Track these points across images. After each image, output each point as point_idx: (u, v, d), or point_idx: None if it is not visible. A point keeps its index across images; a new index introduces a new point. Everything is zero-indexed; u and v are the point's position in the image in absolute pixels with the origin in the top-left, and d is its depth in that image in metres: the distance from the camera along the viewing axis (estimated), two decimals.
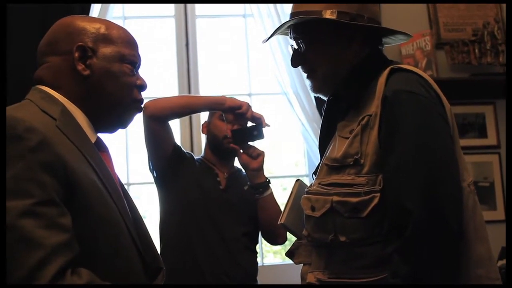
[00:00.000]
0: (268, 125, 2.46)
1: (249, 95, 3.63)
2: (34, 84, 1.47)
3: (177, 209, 2.50)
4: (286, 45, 3.30)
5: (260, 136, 2.44)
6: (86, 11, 3.13)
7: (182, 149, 2.59)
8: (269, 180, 2.53)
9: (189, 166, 2.55)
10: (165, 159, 2.47)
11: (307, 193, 1.65)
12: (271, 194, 2.53)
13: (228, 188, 2.55)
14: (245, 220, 2.53)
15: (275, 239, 2.63)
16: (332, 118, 1.72)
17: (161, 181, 2.53)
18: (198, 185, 2.51)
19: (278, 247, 4.25)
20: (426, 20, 3.66)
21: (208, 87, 3.61)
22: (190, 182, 2.51)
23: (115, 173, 1.54)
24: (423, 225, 1.39)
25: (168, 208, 2.53)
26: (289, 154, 3.95)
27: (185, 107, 2.47)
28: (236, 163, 2.60)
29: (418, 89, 1.51)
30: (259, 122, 2.44)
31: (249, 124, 2.49)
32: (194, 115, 3.35)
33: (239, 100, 2.46)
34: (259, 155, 2.48)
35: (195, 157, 2.64)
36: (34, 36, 2.90)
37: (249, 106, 2.44)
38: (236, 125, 2.50)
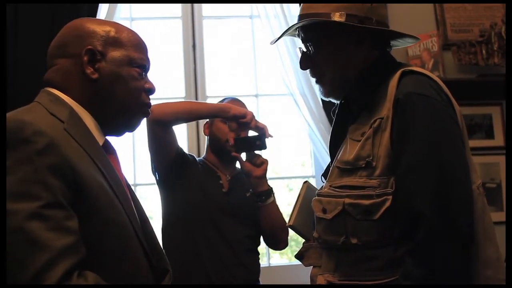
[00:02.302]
0: (271, 136, 2.45)
1: (256, 96, 3.63)
2: (43, 86, 1.47)
3: (180, 212, 2.50)
4: (292, 46, 3.31)
5: (262, 146, 2.42)
6: (94, 11, 3.14)
7: (185, 152, 2.59)
8: (271, 188, 2.52)
9: (191, 168, 2.55)
10: (168, 163, 2.47)
11: (318, 195, 1.65)
12: (274, 201, 2.53)
13: (231, 191, 2.55)
14: (248, 222, 2.54)
15: (277, 244, 2.64)
16: (342, 121, 1.73)
17: (163, 183, 2.53)
18: (201, 188, 2.51)
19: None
20: (433, 21, 3.65)
21: (215, 88, 3.62)
22: (192, 185, 2.51)
23: (122, 175, 1.54)
24: (435, 227, 1.40)
25: (171, 210, 2.53)
26: (295, 155, 3.96)
27: (189, 113, 2.46)
28: (238, 165, 2.60)
29: (429, 92, 1.51)
30: (263, 133, 2.43)
31: (252, 133, 2.48)
32: None
33: (244, 109, 2.46)
34: (263, 163, 2.47)
35: (197, 159, 2.64)
36: (42, 36, 2.94)
37: (253, 116, 2.43)
38: (242, 133, 2.50)
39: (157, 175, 2.53)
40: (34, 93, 1.47)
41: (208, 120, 2.66)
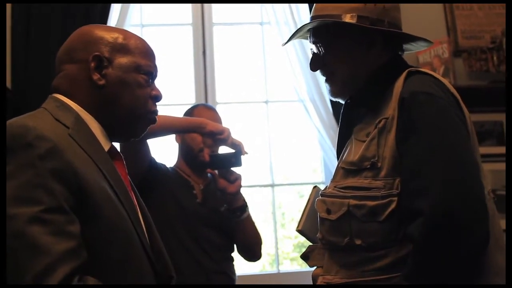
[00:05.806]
0: (246, 153, 2.42)
1: (266, 102, 3.64)
2: (51, 92, 1.48)
3: (156, 224, 2.46)
4: (302, 52, 3.31)
5: (237, 163, 2.39)
6: (106, 11, 3.17)
7: (157, 162, 2.55)
8: (246, 203, 2.50)
9: (163, 179, 2.51)
10: (141, 175, 2.38)
11: (322, 195, 1.63)
12: (249, 216, 2.51)
13: (205, 202, 2.52)
14: (223, 231, 2.52)
15: (251, 257, 2.64)
16: (349, 121, 1.72)
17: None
18: (175, 200, 2.47)
19: (295, 254, 4.26)
20: (443, 27, 3.64)
21: (225, 94, 3.63)
22: (166, 196, 2.47)
23: (128, 180, 1.54)
24: (434, 225, 1.36)
25: None
26: (305, 161, 3.95)
27: (164, 128, 2.34)
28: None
29: (435, 91, 1.49)
30: (238, 150, 2.40)
31: (228, 150, 2.45)
32: None
33: (220, 126, 2.43)
34: (237, 179, 2.42)
35: (169, 167, 2.60)
36: (54, 38, 2.98)
37: (230, 133, 2.40)
38: (216, 148, 2.49)
39: None
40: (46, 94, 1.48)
41: None
